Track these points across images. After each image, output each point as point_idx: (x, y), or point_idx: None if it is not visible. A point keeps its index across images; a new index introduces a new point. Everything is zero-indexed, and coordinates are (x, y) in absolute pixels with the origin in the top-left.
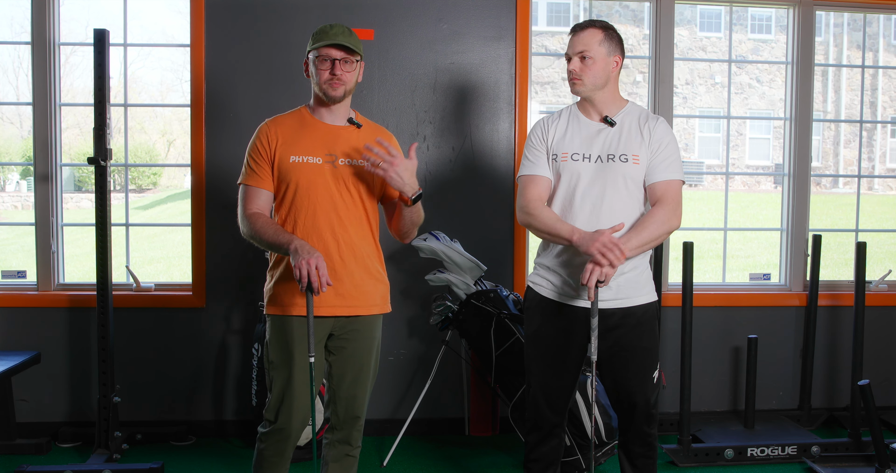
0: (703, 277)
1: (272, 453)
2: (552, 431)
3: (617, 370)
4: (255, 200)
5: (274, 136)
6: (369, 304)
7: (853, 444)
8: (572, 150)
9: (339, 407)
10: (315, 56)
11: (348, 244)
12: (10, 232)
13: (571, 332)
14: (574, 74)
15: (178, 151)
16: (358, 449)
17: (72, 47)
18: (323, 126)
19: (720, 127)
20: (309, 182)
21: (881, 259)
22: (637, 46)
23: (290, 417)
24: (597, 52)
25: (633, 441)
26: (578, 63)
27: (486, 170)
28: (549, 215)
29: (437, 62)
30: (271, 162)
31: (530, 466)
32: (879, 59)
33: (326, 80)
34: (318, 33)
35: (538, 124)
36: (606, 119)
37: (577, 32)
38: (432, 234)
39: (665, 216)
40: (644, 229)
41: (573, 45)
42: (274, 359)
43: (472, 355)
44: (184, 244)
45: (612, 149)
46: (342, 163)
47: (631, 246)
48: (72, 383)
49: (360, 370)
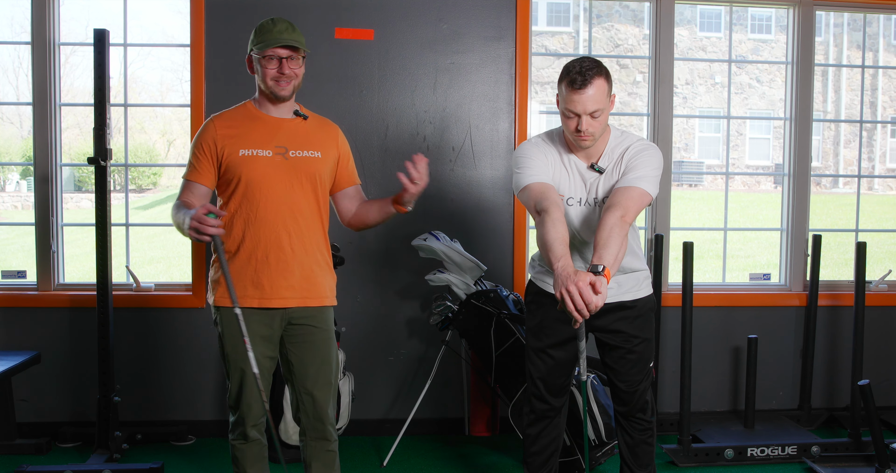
0: (703, 277)
1: (236, 437)
2: (552, 422)
3: (617, 359)
4: (188, 193)
5: (221, 131)
6: (321, 295)
7: (853, 444)
8: (568, 194)
9: (307, 404)
10: (260, 56)
11: (299, 236)
12: (10, 232)
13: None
14: (586, 134)
15: (178, 152)
16: (335, 443)
17: (72, 47)
18: (270, 119)
19: (720, 127)
20: (261, 175)
21: (881, 259)
22: (637, 46)
23: (248, 408)
24: (605, 104)
25: (634, 427)
26: (590, 121)
27: (486, 170)
28: (560, 231)
29: (437, 62)
30: (216, 158)
31: (530, 460)
32: (879, 59)
33: (274, 78)
34: (262, 32)
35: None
36: (594, 167)
37: (582, 89)
38: (432, 234)
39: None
40: (611, 239)
41: (583, 104)
42: (228, 352)
43: (472, 355)
44: (184, 244)
45: (601, 194)
46: (293, 154)
47: (609, 262)
48: (72, 383)
49: (321, 362)
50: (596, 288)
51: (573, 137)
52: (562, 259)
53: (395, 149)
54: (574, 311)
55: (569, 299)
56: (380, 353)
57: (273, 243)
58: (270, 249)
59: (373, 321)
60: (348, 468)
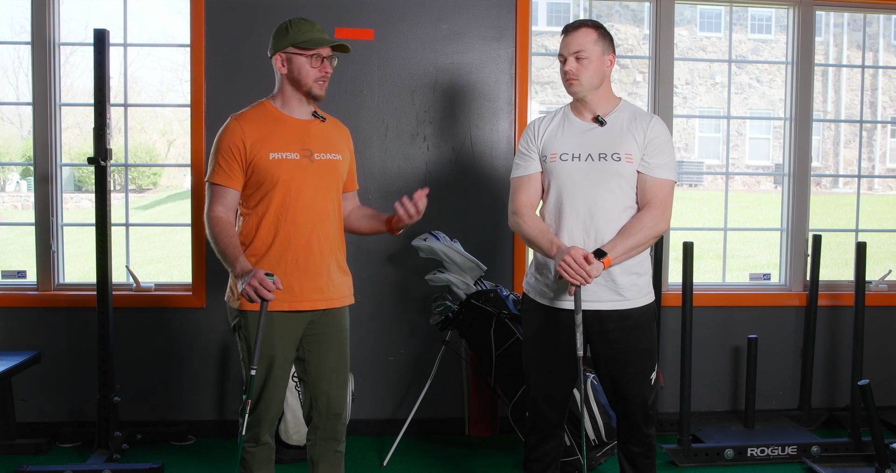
0: (703, 277)
1: (249, 440)
2: (552, 432)
3: (615, 371)
4: (222, 199)
5: (248, 133)
6: (342, 295)
7: (853, 444)
8: (561, 150)
9: (321, 403)
10: (305, 55)
11: (326, 239)
12: (10, 232)
13: (564, 334)
14: (571, 74)
15: (178, 151)
16: (343, 444)
17: (72, 47)
18: (293, 121)
19: (720, 127)
20: (290, 179)
21: (881, 259)
22: (637, 46)
23: (267, 410)
24: (592, 51)
25: (631, 441)
26: (575, 63)
27: (486, 170)
28: (534, 224)
29: (437, 62)
30: (244, 160)
31: (530, 466)
32: (879, 59)
33: (317, 78)
34: (303, 31)
35: (529, 126)
36: (598, 118)
37: (570, 32)
38: (432, 234)
39: (653, 221)
40: (631, 236)
41: (567, 45)
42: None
43: (472, 355)
44: (184, 244)
45: (603, 148)
46: (318, 157)
47: (617, 253)
48: (72, 383)
49: (337, 362)
50: (589, 259)
51: (564, 84)
52: (553, 245)
53: (395, 149)
54: (571, 278)
55: (564, 270)
56: (380, 353)
57: (303, 246)
58: (300, 252)
59: (373, 321)
60: (348, 468)
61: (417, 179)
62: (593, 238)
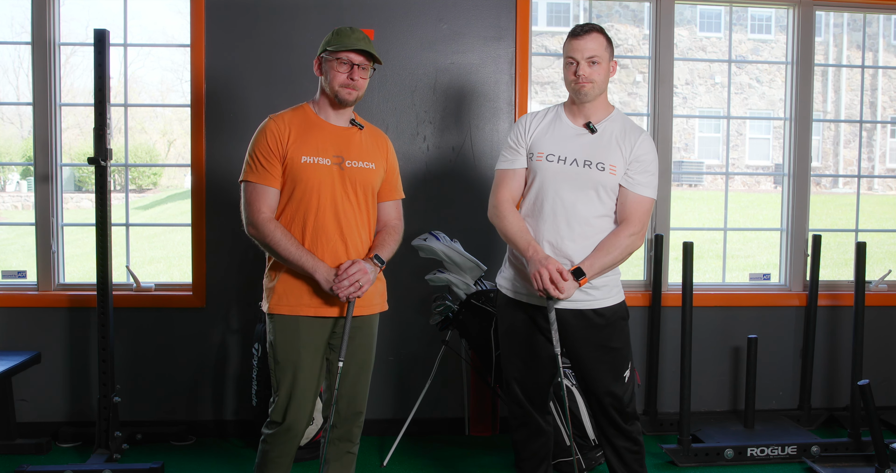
0: (703, 277)
1: (278, 453)
2: (539, 428)
3: (588, 370)
4: (265, 199)
5: (285, 133)
6: (372, 303)
7: (853, 444)
8: (548, 151)
9: (342, 404)
10: (334, 57)
11: (354, 246)
12: (10, 232)
13: (536, 329)
14: (585, 78)
15: (178, 151)
16: (357, 446)
17: (72, 47)
18: (330, 127)
19: (720, 127)
20: (318, 183)
21: (881, 259)
22: (637, 46)
23: (297, 417)
24: (603, 56)
25: (615, 436)
26: (588, 68)
27: (486, 170)
28: (514, 221)
29: (437, 62)
30: (282, 160)
31: (522, 465)
32: (879, 59)
33: (342, 83)
34: (339, 35)
35: (520, 121)
36: (589, 125)
37: (581, 36)
38: (432, 234)
39: (629, 239)
40: (608, 254)
41: (580, 50)
42: (280, 359)
43: (472, 355)
44: (184, 244)
45: (590, 156)
46: (349, 165)
47: (594, 271)
48: (72, 383)
49: (361, 366)
50: (563, 276)
51: (573, 88)
52: (530, 247)
53: (395, 149)
54: (542, 288)
55: (538, 280)
56: (380, 353)
57: (330, 252)
58: (326, 258)
59: None
60: None
61: (418, 179)
62: (566, 239)
